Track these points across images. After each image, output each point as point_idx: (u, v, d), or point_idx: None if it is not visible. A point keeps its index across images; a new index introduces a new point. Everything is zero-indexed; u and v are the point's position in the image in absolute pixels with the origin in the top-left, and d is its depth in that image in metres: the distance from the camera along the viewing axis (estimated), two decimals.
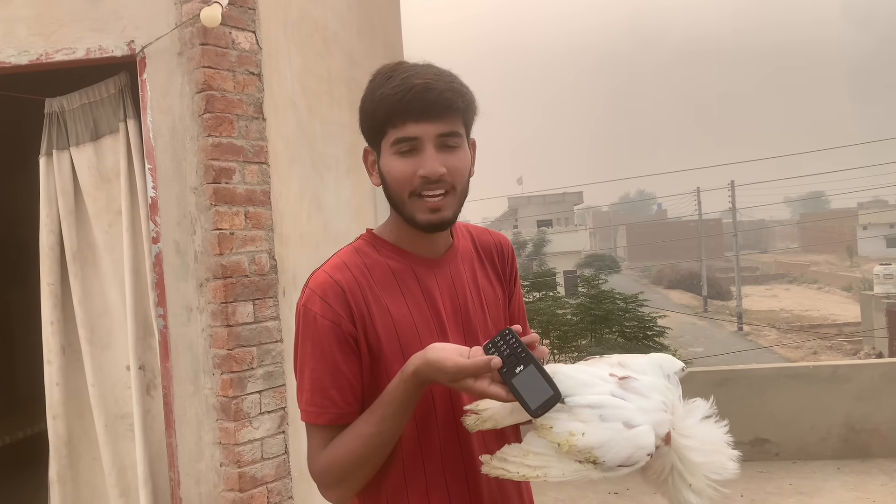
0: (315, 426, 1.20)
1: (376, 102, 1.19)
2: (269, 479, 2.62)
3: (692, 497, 1.08)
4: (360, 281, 1.21)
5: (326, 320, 1.18)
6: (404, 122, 1.16)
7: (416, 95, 1.15)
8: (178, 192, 2.62)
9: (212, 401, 2.58)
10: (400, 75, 1.18)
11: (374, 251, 1.27)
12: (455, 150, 1.20)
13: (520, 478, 1.10)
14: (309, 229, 3.14)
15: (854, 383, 5.04)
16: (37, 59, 2.62)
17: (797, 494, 4.45)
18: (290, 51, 3.04)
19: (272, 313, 2.69)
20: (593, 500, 4.62)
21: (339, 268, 1.22)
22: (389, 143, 1.19)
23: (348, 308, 1.18)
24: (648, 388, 1.08)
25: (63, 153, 2.73)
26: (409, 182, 1.18)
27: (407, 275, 1.25)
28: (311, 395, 1.19)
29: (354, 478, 1.19)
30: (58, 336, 2.75)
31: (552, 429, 1.05)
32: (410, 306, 1.23)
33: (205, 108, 2.55)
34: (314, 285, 1.21)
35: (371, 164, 1.28)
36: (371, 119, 1.22)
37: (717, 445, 1.11)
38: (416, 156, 1.17)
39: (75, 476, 2.78)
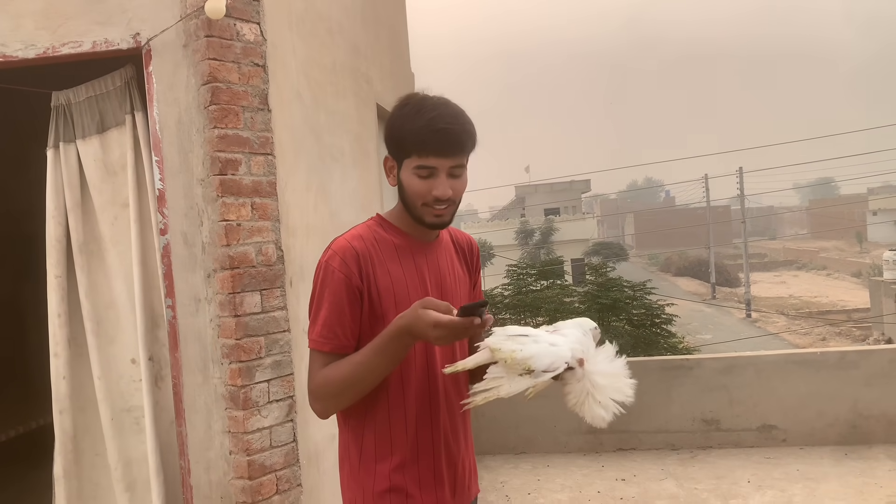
0: (319, 352, 1.56)
1: (406, 132, 1.56)
2: (278, 467, 2.65)
3: (600, 410, 1.52)
4: (371, 250, 1.59)
5: (342, 274, 1.55)
6: (427, 155, 1.54)
7: (439, 137, 1.53)
8: (184, 184, 2.64)
9: (220, 390, 2.61)
10: (427, 113, 1.55)
11: (382, 230, 1.65)
12: (460, 177, 1.61)
13: (483, 401, 1.49)
14: (315, 220, 3.16)
15: (862, 369, 5.03)
16: (43, 52, 2.63)
17: (804, 480, 4.46)
18: (294, 42, 3.04)
19: (279, 303, 2.72)
20: (600, 486, 4.65)
21: (356, 238, 1.61)
22: (412, 165, 1.57)
23: (359, 268, 1.56)
24: (569, 333, 1.54)
25: (69, 146, 2.75)
26: (423, 196, 1.57)
27: (405, 251, 1.64)
28: (321, 328, 1.55)
29: (340, 397, 1.55)
30: (65, 329, 2.77)
31: (500, 350, 1.46)
32: (406, 274, 1.62)
33: (210, 100, 2.56)
34: (336, 247, 1.59)
35: (390, 168, 1.64)
36: (399, 142, 1.59)
37: (616, 372, 1.55)
38: (432, 179, 1.56)
39: (80, 472, 2.80)
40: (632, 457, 5.16)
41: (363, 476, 1.63)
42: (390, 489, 1.60)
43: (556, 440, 5.29)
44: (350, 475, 1.66)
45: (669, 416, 5.28)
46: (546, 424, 5.23)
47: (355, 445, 1.64)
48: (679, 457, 5.08)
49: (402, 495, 1.60)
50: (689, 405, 5.25)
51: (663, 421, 5.28)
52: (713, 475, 4.67)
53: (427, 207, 1.59)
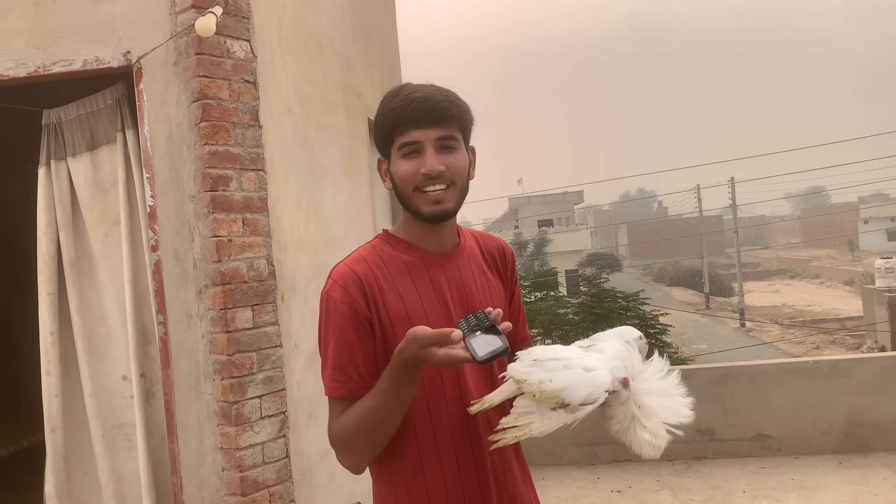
0: (335, 399, 1.38)
1: (385, 116, 1.42)
2: (271, 483, 2.64)
3: (647, 436, 1.26)
4: (376, 272, 1.40)
5: (345, 306, 1.36)
6: (408, 130, 1.37)
7: (417, 106, 1.37)
8: (176, 201, 2.64)
9: (213, 406, 2.60)
10: (404, 92, 1.40)
11: (389, 247, 1.45)
12: (453, 151, 1.40)
13: (514, 439, 1.27)
14: (307, 234, 3.16)
15: (855, 377, 5.06)
16: (34, 71, 2.64)
17: (799, 489, 4.46)
18: (284, 58, 3.06)
19: (271, 318, 2.71)
20: (596, 498, 4.64)
21: (358, 261, 1.42)
22: (396, 148, 1.40)
23: (364, 295, 1.36)
24: (607, 348, 1.31)
25: (60, 163, 2.75)
26: (412, 179, 1.38)
27: (418, 267, 1.43)
28: (331, 371, 1.36)
29: (360, 446, 1.36)
30: (56, 346, 2.76)
31: (526, 381, 1.24)
32: (421, 294, 1.40)
33: (201, 117, 2.57)
34: (336, 276, 1.40)
35: (384, 171, 1.48)
36: (381, 130, 1.43)
37: (669, 391, 1.30)
38: (419, 157, 1.38)
39: (70, 490, 2.78)
40: (627, 468, 5.15)
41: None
42: None
43: (551, 452, 5.28)
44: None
45: None
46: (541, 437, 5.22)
47: (392, 496, 1.42)
48: (674, 467, 5.07)
49: None
50: None
51: None
52: (708, 486, 4.66)
53: (420, 194, 1.38)
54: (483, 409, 1.32)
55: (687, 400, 1.31)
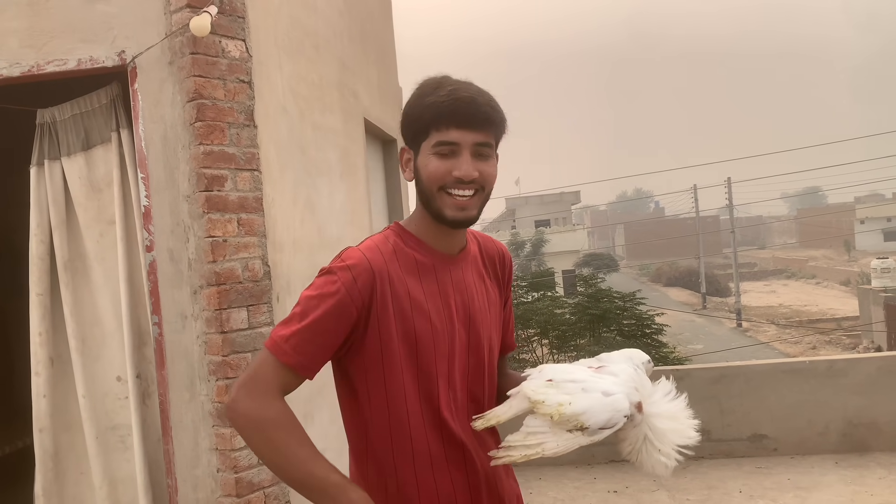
0: (281, 364, 1.32)
1: (423, 107, 1.35)
2: (266, 484, 2.63)
3: (662, 458, 1.31)
4: (389, 266, 1.36)
5: (347, 295, 1.31)
6: (448, 128, 1.32)
7: (462, 106, 1.31)
8: (170, 201, 2.63)
9: (208, 407, 2.59)
10: (447, 87, 1.34)
11: (402, 242, 1.41)
12: (487, 158, 1.37)
13: (523, 459, 1.28)
14: (302, 235, 3.15)
15: (851, 377, 5.06)
16: (28, 70, 2.63)
17: (795, 489, 4.46)
18: (280, 58, 3.05)
19: (266, 319, 2.71)
20: (593, 499, 4.64)
21: (373, 250, 1.37)
22: (431, 143, 1.34)
23: (371, 289, 1.32)
24: (619, 371, 1.33)
25: (54, 163, 2.74)
26: (440, 179, 1.33)
27: (427, 267, 1.40)
28: (294, 336, 1.32)
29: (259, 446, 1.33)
30: (46, 347, 2.74)
31: (544, 402, 1.26)
32: (427, 295, 1.38)
33: (196, 117, 2.56)
34: (350, 261, 1.35)
35: (406, 161, 1.42)
36: (416, 121, 1.36)
37: (679, 414, 1.35)
38: (453, 159, 1.33)
39: (61, 490, 2.76)
40: (624, 469, 5.15)
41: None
42: None
43: None
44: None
45: None
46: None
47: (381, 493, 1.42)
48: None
49: None
50: None
51: None
52: (705, 486, 4.66)
53: (446, 195, 1.33)
54: (489, 426, 1.31)
55: (693, 422, 1.37)
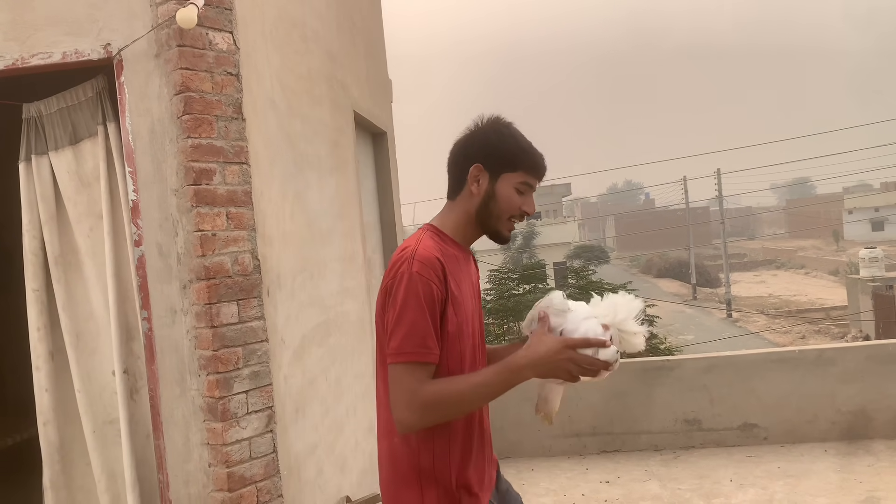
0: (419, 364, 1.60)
1: (520, 150, 1.76)
2: (258, 479, 2.63)
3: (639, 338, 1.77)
4: (446, 261, 1.67)
5: (433, 285, 1.61)
6: (534, 176, 1.78)
7: (543, 164, 1.80)
8: (159, 195, 2.61)
9: (198, 402, 2.58)
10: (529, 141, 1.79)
11: (440, 241, 1.74)
12: None
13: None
14: (292, 228, 3.14)
15: (839, 366, 5.10)
16: (12, 64, 2.60)
17: (785, 477, 4.50)
18: (268, 50, 3.03)
19: (257, 313, 2.69)
20: (585, 489, 4.66)
21: (436, 249, 1.68)
22: (517, 181, 1.76)
23: (444, 280, 1.64)
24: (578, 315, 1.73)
25: (42, 158, 2.72)
26: (513, 210, 1.77)
27: (460, 260, 1.77)
28: (421, 339, 1.59)
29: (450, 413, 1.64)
30: (45, 342, 2.74)
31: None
32: (462, 283, 1.74)
33: (183, 110, 2.54)
34: (424, 260, 1.63)
35: (476, 177, 1.76)
36: (510, 158, 1.75)
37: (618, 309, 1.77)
38: (527, 196, 1.78)
39: (69, 482, 2.76)
40: (615, 459, 5.17)
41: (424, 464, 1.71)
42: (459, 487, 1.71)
43: (541, 444, 5.29)
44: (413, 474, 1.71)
45: (652, 418, 5.31)
46: (530, 428, 5.23)
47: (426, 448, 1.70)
48: (662, 457, 5.11)
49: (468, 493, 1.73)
50: (670, 406, 5.29)
51: (646, 422, 5.31)
52: (696, 475, 4.70)
53: (510, 221, 1.79)
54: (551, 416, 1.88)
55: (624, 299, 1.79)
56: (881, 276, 25.16)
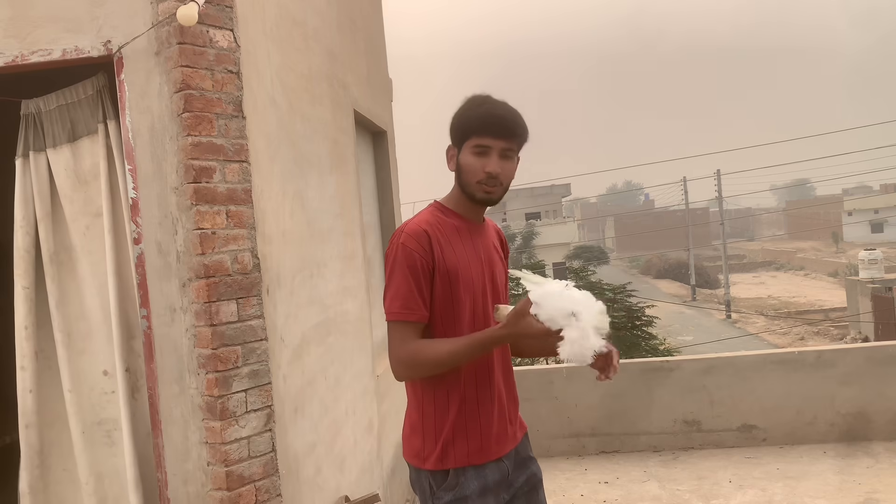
0: (403, 322, 1.84)
1: (468, 118, 1.88)
2: (257, 478, 2.62)
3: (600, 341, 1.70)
4: (437, 231, 1.89)
5: (416, 254, 1.84)
6: (484, 135, 1.86)
7: (496, 120, 1.86)
8: (158, 193, 2.61)
9: (197, 400, 2.57)
10: (487, 104, 1.89)
11: (442, 214, 1.95)
12: (510, 160, 1.91)
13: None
14: (292, 227, 3.13)
15: (839, 368, 5.10)
16: (12, 61, 2.59)
17: (784, 479, 4.50)
18: (269, 48, 3.02)
19: (256, 312, 2.69)
20: (584, 489, 4.66)
21: (425, 222, 1.90)
22: (471, 145, 1.87)
23: (430, 248, 1.85)
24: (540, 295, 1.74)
25: (40, 155, 2.71)
26: (477, 174, 1.88)
27: (464, 232, 1.95)
28: (403, 300, 1.83)
29: (427, 370, 1.87)
30: (31, 341, 2.70)
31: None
32: (466, 252, 1.92)
33: (183, 108, 2.53)
34: (409, 231, 1.87)
35: (451, 157, 1.95)
36: (463, 127, 1.89)
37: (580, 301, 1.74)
38: (486, 158, 1.87)
39: (46, 487, 2.73)
40: (615, 459, 5.17)
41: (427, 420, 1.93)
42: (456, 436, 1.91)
43: (539, 444, 5.27)
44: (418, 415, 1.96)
45: (651, 419, 5.30)
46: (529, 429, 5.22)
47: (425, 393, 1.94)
48: (661, 458, 5.10)
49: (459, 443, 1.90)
50: (670, 407, 5.29)
51: (645, 423, 5.31)
52: (695, 476, 4.69)
53: (480, 184, 1.88)
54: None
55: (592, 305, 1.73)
56: (880, 278, 25.16)
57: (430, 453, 1.92)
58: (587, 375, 5.46)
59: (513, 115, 1.89)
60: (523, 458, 2.10)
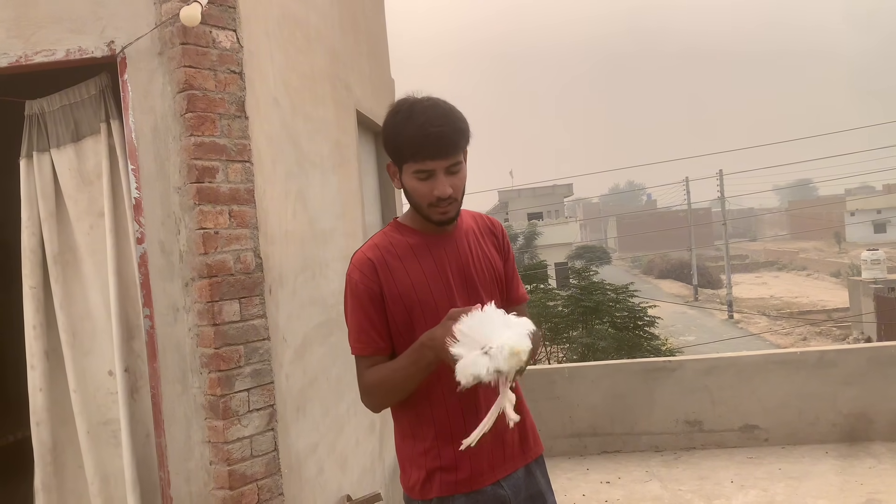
0: (360, 357, 1.78)
1: (401, 139, 1.68)
2: (259, 477, 2.63)
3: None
4: (386, 256, 1.76)
5: (362, 285, 1.75)
6: (423, 160, 1.66)
7: (432, 141, 1.64)
8: (161, 193, 2.61)
9: (200, 400, 2.58)
10: (418, 119, 1.65)
11: (398, 233, 1.81)
12: (458, 173, 1.72)
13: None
14: (294, 226, 3.14)
15: (841, 368, 5.10)
16: (16, 61, 2.60)
17: (786, 479, 4.50)
18: (271, 48, 3.03)
19: (259, 311, 2.69)
20: (585, 489, 4.66)
21: (372, 248, 1.79)
22: (411, 170, 1.69)
23: (376, 276, 1.74)
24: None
25: (43, 155, 2.72)
26: (427, 197, 1.71)
27: (422, 249, 1.79)
28: (356, 334, 1.76)
29: (385, 397, 1.78)
30: (41, 340, 2.72)
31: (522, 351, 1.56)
32: (424, 270, 1.76)
33: (186, 108, 2.54)
34: (355, 261, 1.78)
35: (393, 173, 1.77)
36: (396, 150, 1.71)
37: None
38: (432, 180, 1.69)
39: (60, 484, 2.74)
40: (616, 459, 5.17)
41: (406, 449, 1.85)
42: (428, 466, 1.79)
43: None
44: (400, 445, 1.88)
45: (653, 419, 5.30)
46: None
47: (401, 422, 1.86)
48: (663, 458, 5.10)
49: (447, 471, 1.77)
50: (672, 407, 5.29)
51: (647, 423, 5.31)
52: (697, 476, 4.69)
53: (432, 208, 1.72)
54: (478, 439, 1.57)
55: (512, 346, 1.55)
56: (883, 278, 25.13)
57: (415, 482, 1.81)
58: (589, 376, 5.47)
59: (450, 126, 1.67)
60: (533, 494, 1.87)
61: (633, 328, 12.58)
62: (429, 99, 1.71)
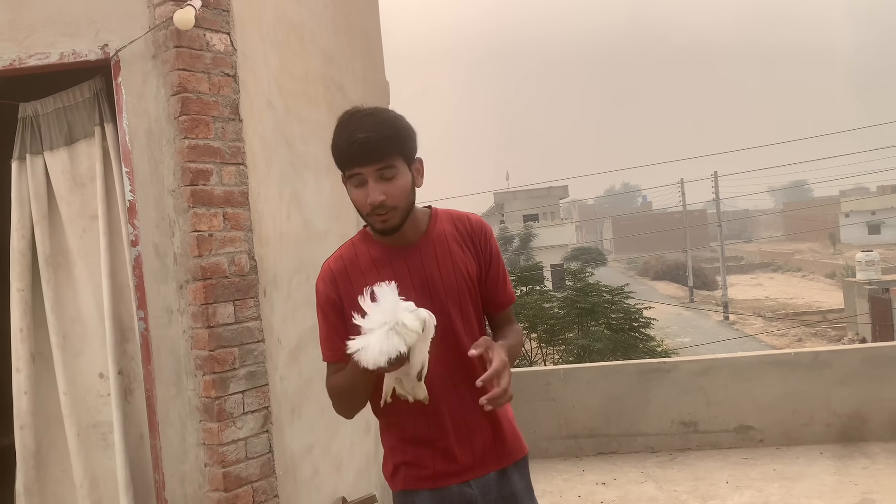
0: (329, 363, 1.83)
1: (334, 149, 1.70)
2: (254, 479, 2.63)
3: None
4: (348, 267, 1.80)
5: (324, 294, 1.82)
6: (351, 165, 1.67)
7: (357, 147, 1.64)
8: (155, 195, 2.62)
9: (194, 402, 2.58)
10: (349, 127, 1.66)
11: (364, 244, 1.82)
12: (391, 179, 1.67)
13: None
14: (289, 229, 3.14)
15: (835, 369, 5.11)
16: (10, 64, 2.60)
17: (781, 480, 4.51)
18: (265, 51, 3.03)
19: (253, 313, 2.70)
20: (581, 490, 4.66)
21: (337, 259, 1.84)
22: (346, 178, 1.71)
23: (336, 287, 1.79)
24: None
25: (36, 157, 2.72)
26: (363, 206, 1.70)
27: (383, 261, 1.78)
28: (323, 342, 1.83)
29: (346, 402, 1.80)
30: (27, 343, 2.71)
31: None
32: (377, 280, 1.65)
33: (180, 111, 2.55)
34: (321, 270, 1.85)
35: (343, 185, 1.76)
36: (335, 159, 1.72)
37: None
38: (365, 186, 1.67)
39: (42, 489, 2.73)
40: (612, 460, 5.18)
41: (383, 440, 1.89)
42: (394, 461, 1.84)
43: (537, 446, 5.29)
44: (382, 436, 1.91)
45: (648, 420, 5.31)
46: (526, 430, 5.20)
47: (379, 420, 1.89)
48: (658, 459, 5.11)
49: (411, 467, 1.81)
50: (667, 408, 5.29)
51: (642, 424, 5.32)
52: (692, 477, 4.70)
53: (370, 216, 1.70)
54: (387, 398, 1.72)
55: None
56: (877, 279, 25.23)
57: (388, 473, 1.88)
58: (584, 377, 5.48)
59: (377, 132, 1.64)
60: (505, 496, 1.85)
61: (629, 330, 12.58)
62: (371, 109, 1.71)
